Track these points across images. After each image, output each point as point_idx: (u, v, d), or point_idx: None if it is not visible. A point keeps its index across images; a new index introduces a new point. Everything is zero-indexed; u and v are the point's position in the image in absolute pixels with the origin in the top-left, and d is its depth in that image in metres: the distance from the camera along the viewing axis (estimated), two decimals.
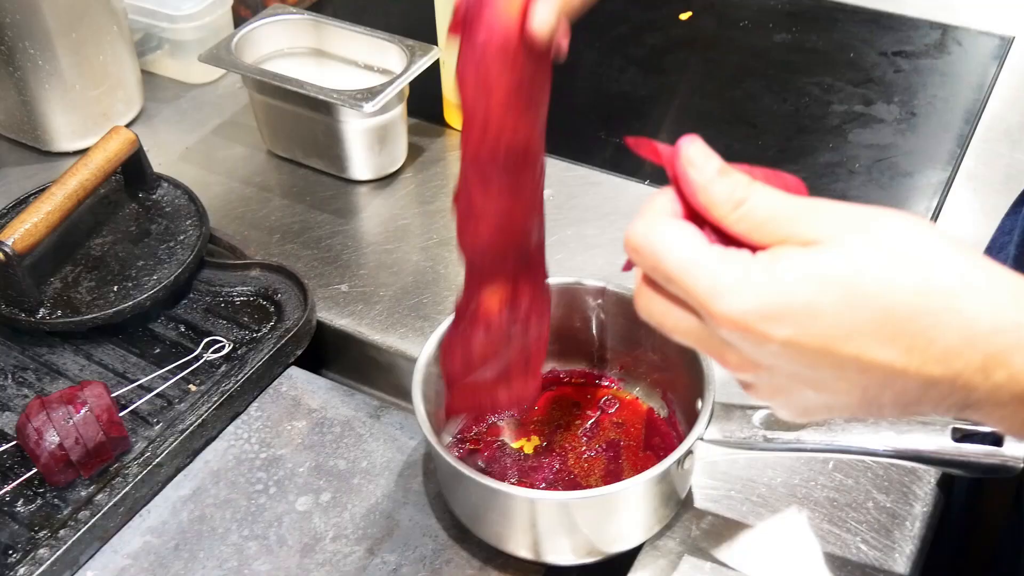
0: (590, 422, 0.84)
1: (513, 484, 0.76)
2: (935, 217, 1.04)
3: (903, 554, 0.76)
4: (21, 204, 1.01)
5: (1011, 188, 1.05)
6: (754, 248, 0.49)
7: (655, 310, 0.51)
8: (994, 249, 0.82)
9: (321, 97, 1.04)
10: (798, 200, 0.48)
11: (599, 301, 0.83)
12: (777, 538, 0.78)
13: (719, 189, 0.49)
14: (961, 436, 0.67)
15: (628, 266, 0.54)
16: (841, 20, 1.32)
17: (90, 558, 0.79)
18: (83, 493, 0.81)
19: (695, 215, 0.51)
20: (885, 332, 0.45)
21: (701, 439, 0.72)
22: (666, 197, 0.51)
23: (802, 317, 0.46)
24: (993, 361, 0.45)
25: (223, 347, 0.91)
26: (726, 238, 0.51)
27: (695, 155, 0.50)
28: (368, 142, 1.08)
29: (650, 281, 0.51)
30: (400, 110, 1.09)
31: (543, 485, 0.79)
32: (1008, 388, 0.46)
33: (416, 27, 1.14)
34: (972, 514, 0.86)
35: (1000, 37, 1.27)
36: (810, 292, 0.46)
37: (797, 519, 0.79)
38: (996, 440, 0.66)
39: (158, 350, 0.93)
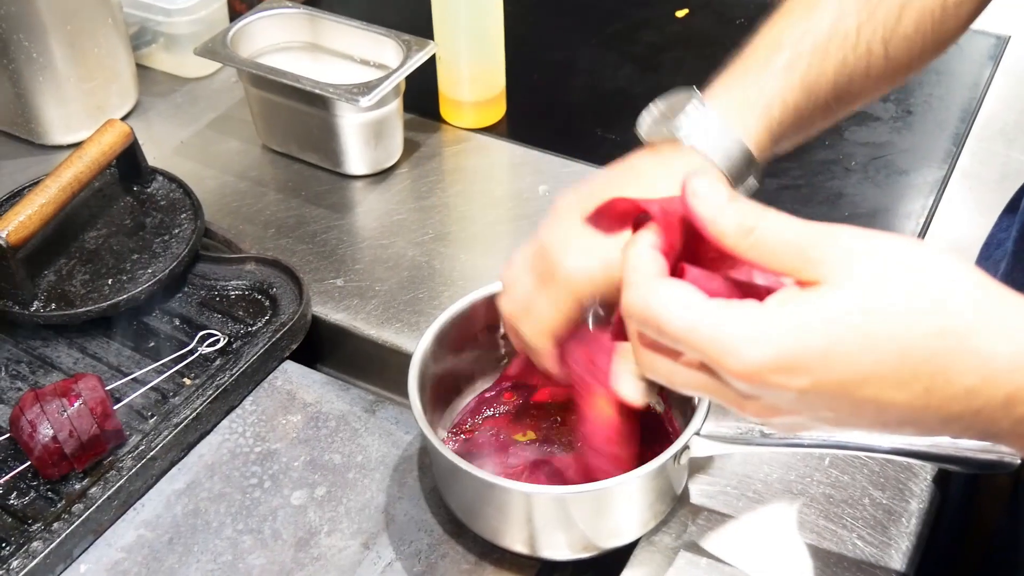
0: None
1: (508, 478, 0.76)
2: (931, 215, 1.04)
3: (899, 550, 0.76)
4: (15, 197, 1.01)
5: (1006, 186, 1.05)
6: (760, 293, 0.48)
7: (661, 369, 0.51)
8: (991, 246, 0.82)
9: (317, 91, 1.03)
10: (808, 226, 0.48)
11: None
12: (773, 534, 0.78)
13: (729, 219, 0.48)
14: None
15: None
16: None
17: (84, 551, 0.79)
18: (77, 486, 0.81)
19: (682, 252, 0.52)
20: (903, 375, 0.45)
21: (698, 434, 0.72)
22: (647, 253, 0.51)
23: (818, 365, 0.45)
24: (1015, 398, 0.45)
25: (218, 341, 0.91)
26: (721, 283, 0.51)
27: (700, 188, 0.49)
28: (364, 137, 1.08)
29: (648, 342, 0.50)
30: (396, 105, 1.08)
31: (539, 479, 0.78)
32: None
33: (413, 22, 1.13)
34: (968, 510, 0.86)
35: (996, 36, 1.27)
36: (825, 339, 0.45)
37: (793, 515, 0.79)
38: None
39: (152, 343, 0.93)
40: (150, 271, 0.95)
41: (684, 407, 0.78)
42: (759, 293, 0.49)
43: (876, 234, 0.47)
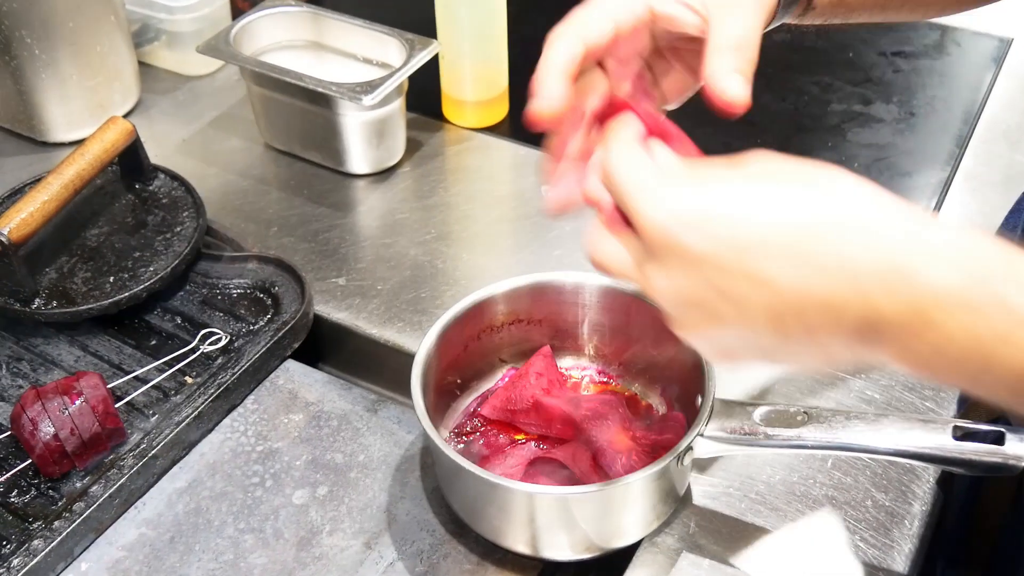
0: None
1: (510, 478, 0.76)
2: None
3: (902, 553, 0.76)
4: (17, 194, 1.01)
5: (1010, 189, 1.05)
6: None
7: (599, 248, 0.56)
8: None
9: (320, 90, 1.03)
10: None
11: (597, 297, 0.83)
12: (775, 536, 0.78)
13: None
14: (963, 435, 0.67)
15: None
16: None
17: (85, 550, 0.78)
18: (78, 484, 0.80)
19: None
20: (799, 250, 0.48)
21: (701, 435, 0.72)
22: (629, 126, 0.57)
23: (722, 227, 0.49)
24: (897, 278, 0.47)
25: (220, 339, 0.91)
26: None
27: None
28: (366, 136, 1.08)
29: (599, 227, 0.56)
30: (399, 104, 1.08)
31: (541, 479, 0.78)
32: (911, 306, 0.47)
33: (416, 21, 1.13)
34: (971, 513, 0.86)
35: (999, 39, 1.27)
36: (731, 205, 0.49)
37: (795, 517, 0.78)
38: (997, 439, 0.66)
39: (154, 342, 0.93)
40: (152, 269, 0.95)
41: (687, 408, 0.78)
42: None
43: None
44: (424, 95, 1.16)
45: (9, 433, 0.82)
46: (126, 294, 0.92)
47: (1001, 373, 0.47)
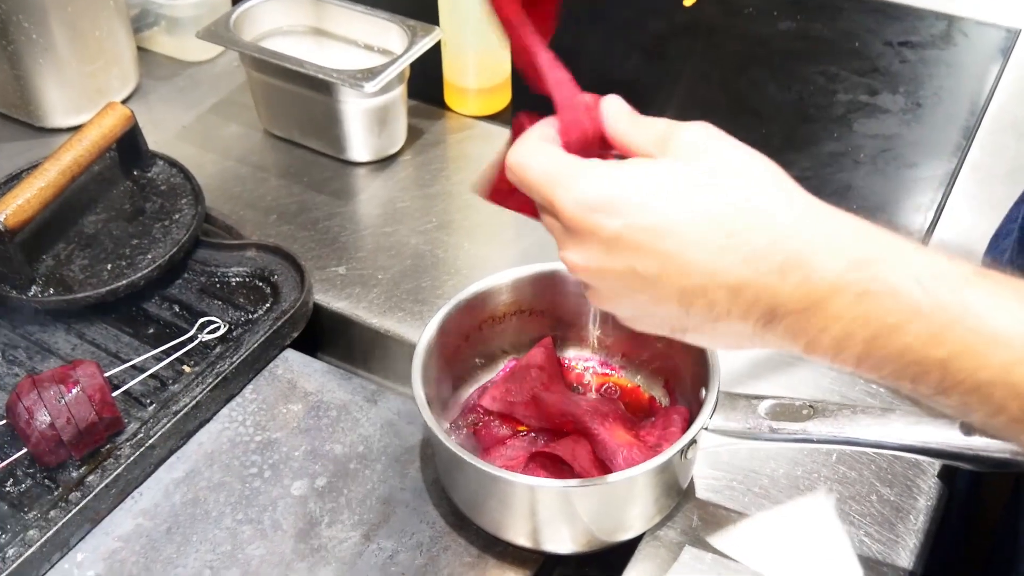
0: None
1: (511, 469, 0.75)
2: (940, 208, 1.03)
3: (906, 548, 0.75)
4: (13, 180, 0.99)
5: (1016, 180, 1.04)
6: None
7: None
8: (1000, 236, 0.81)
9: (320, 76, 1.02)
10: (672, 123, 0.55)
11: None
12: (779, 530, 0.77)
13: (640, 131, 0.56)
14: (970, 430, 0.66)
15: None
16: (846, 9, 1.31)
17: (80, 540, 0.78)
18: (74, 474, 0.80)
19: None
20: (701, 231, 0.51)
21: (705, 429, 0.71)
22: (545, 128, 0.58)
23: (632, 210, 0.52)
24: (791, 262, 0.49)
25: (218, 328, 0.90)
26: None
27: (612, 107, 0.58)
28: (367, 123, 1.07)
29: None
30: (400, 91, 1.07)
31: (541, 473, 0.77)
32: (803, 289, 0.49)
33: (418, 7, 1.12)
34: (973, 507, 0.85)
35: (1007, 29, 1.26)
36: (642, 190, 0.52)
37: (799, 511, 0.78)
38: None
39: (152, 330, 0.92)
40: (150, 256, 0.94)
41: (691, 402, 0.77)
42: None
43: (713, 132, 0.54)
44: (426, 82, 1.15)
45: (4, 422, 0.80)
46: (123, 282, 0.91)
47: (892, 357, 0.49)
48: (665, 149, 0.54)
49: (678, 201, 0.51)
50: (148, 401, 0.85)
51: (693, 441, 0.71)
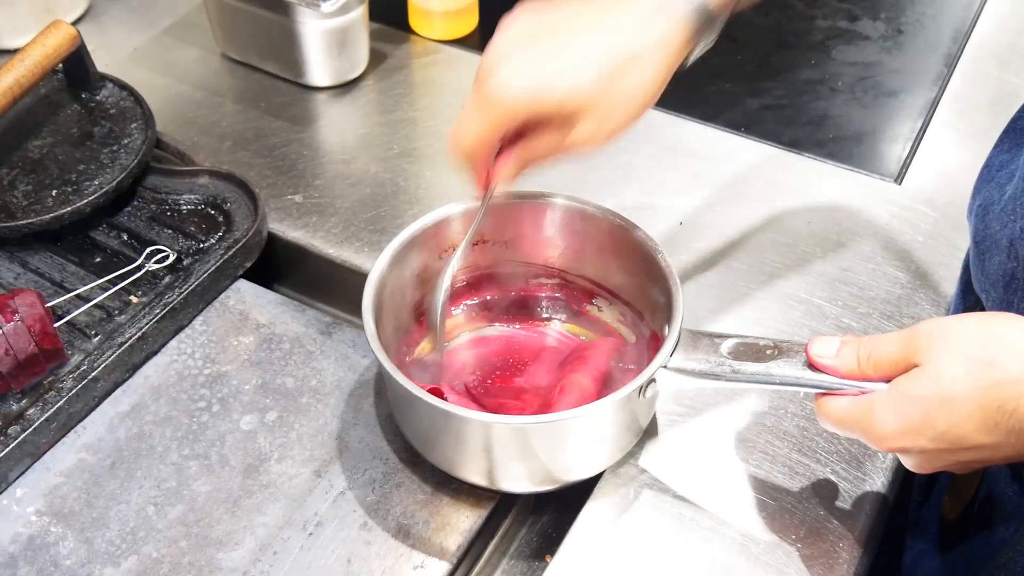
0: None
1: (467, 406, 0.72)
2: (919, 138, 1.00)
3: (874, 486, 0.73)
4: None
5: (998, 111, 1.01)
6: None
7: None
8: (992, 167, 0.77)
9: None
10: (900, 335, 0.61)
11: (564, 217, 0.79)
12: (744, 468, 0.74)
13: (848, 359, 0.63)
14: None
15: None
16: None
17: (20, 475, 0.75)
18: (14, 407, 0.77)
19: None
20: (984, 422, 0.57)
21: (665, 367, 0.68)
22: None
23: (923, 430, 0.59)
24: None
25: (167, 257, 0.86)
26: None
27: (820, 348, 0.64)
28: (326, 45, 1.02)
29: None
30: (361, 12, 1.03)
31: (500, 409, 0.75)
32: None
33: None
34: (941, 500, 0.84)
35: None
36: (921, 412, 0.58)
37: (766, 449, 0.75)
38: None
39: (98, 259, 0.88)
40: (97, 183, 0.90)
41: (657, 340, 0.74)
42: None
43: (948, 320, 0.60)
44: (389, 4, 1.11)
45: None
46: (68, 208, 0.87)
47: None
48: (919, 357, 0.59)
49: (953, 409, 0.58)
50: (93, 332, 0.82)
51: (652, 379, 0.68)
